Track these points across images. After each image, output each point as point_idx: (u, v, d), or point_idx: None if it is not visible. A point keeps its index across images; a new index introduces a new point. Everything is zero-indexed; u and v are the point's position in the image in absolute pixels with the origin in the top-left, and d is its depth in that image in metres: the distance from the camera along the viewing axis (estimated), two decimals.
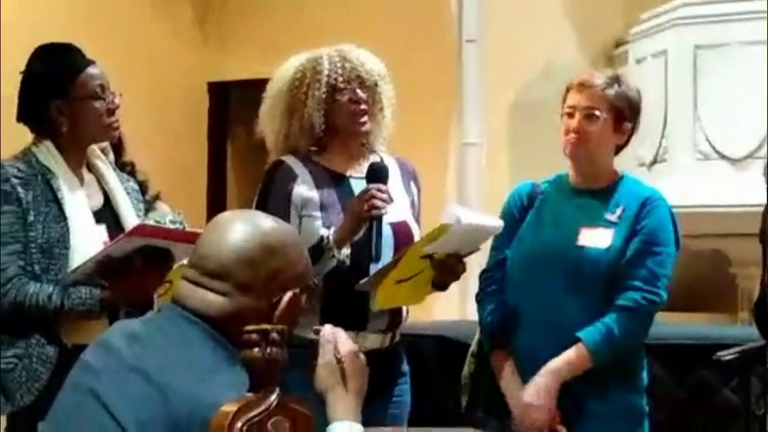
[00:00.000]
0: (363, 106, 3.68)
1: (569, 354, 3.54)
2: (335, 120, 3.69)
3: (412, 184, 3.82)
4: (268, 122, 3.79)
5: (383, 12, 7.78)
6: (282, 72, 3.77)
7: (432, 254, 3.54)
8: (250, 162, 8.74)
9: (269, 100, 3.78)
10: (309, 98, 3.67)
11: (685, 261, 3.73)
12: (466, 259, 3.63)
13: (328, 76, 3.67)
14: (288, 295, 2.23)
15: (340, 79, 3.67)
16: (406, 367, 3.81)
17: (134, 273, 3.28)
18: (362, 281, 3.55)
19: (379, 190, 3.55)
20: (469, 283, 3.63)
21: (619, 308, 3.54)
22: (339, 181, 3.70)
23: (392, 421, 3.69)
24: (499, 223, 3.64)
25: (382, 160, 3.76)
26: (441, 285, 3.66)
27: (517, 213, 3.75)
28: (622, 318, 3.53)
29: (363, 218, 3.54)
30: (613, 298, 3.55)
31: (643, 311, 3.56)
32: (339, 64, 3.68)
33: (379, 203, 3.53)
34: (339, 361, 2.29)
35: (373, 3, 7.93)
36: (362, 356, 2.34)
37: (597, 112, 3.61)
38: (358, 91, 3.67)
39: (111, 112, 3.47)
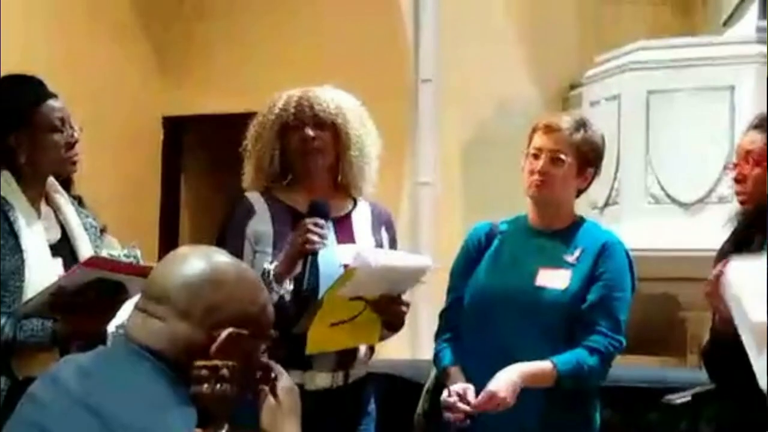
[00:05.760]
0: (315, 144, 3.66)
1: (537, 364, 3.53)
2: (288, 158, 3.69)
3: (383, 230, 3.79)
4: (247, 154, 3.77)
5: (339, 50, 7.79)
6: (263, 107, 3.77)
7: (362, 296, 3.51)
8: (203, 197, 8.72)
9: (252, 129, 3.76)
10: (264, 136, 3.69)
11: (635, 304, 3.74)
12: (413, 301, 3.60)
13: (278, 116, 3.67)
14: (227, 330, 2.18)
15: (291, 118, 3.66)
16: (371, 407, 3.75)
17: (87, 306, 3.24)
18: (297, 325, 3.48)
19: (316, 224, 3.52)
20: (419, 324, 3.61)
21: (589, 348, 3.56)
22: (299, 219, 3.64)
23: None
24: (426, 262, 3.64)
25: (355, 202, 3.75)
26: (391, 326, 3.63)
27: (475, 252, 3.76)
28: (592, 358, 3.56)
29: (299, 252, 3.51)
30: (578, 338, 3.57)
31: (608, 356, 3.60)
32: (293, 104, 3.67)
33: (315, 238, 3.50)
34: (276, 398, 2.28)
35: (329, 41, 7.94)
36: (296, 390, 2.32)
37: (562, 156, 3.64)
38: (308, 130, 3.65)
39: (70, 145, 3.46)
